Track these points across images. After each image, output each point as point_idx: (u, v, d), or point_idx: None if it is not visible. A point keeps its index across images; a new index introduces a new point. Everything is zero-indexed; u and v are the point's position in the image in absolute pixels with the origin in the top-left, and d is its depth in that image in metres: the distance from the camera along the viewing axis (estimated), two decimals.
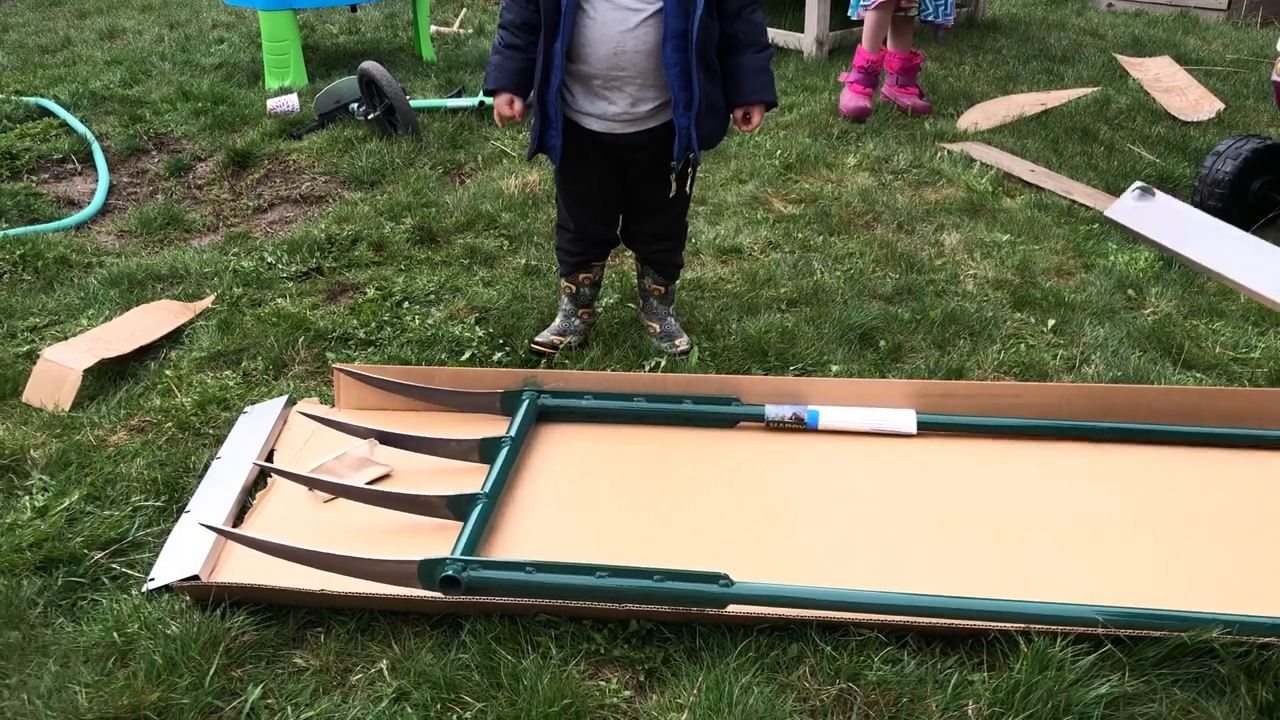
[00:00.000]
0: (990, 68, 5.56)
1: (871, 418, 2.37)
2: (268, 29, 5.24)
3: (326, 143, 4.39)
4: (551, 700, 1.67)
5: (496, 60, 2.49)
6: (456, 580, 1.82)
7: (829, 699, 1.70)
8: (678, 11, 2.31)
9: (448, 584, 1.83)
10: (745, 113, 2.50)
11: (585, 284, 2.82)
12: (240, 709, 1.71)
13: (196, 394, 2.60)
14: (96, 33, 6.71)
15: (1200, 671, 1.72)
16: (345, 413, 2.49)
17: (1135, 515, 2.11)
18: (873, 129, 4.57)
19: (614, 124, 2.47)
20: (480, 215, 3.68)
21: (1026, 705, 1.65)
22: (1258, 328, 2.91)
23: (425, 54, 5.89)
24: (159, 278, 3.29)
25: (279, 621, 1.88)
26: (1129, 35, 6.22)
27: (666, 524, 2.11)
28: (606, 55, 2.37)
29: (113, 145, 4.50)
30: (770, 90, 2.48)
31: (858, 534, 2.07)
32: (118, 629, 1.84)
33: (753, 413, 2.40)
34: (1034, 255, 3.37)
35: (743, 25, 2.43)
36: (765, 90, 2.47)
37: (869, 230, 3.61)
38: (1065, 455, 2.31)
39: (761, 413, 2.39)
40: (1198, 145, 4.28)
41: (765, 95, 2.48)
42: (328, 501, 2.18)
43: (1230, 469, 2.26)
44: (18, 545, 2.06)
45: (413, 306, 3.08)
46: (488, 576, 1.84)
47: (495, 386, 2.48)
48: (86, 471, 2.30)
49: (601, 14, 2.35)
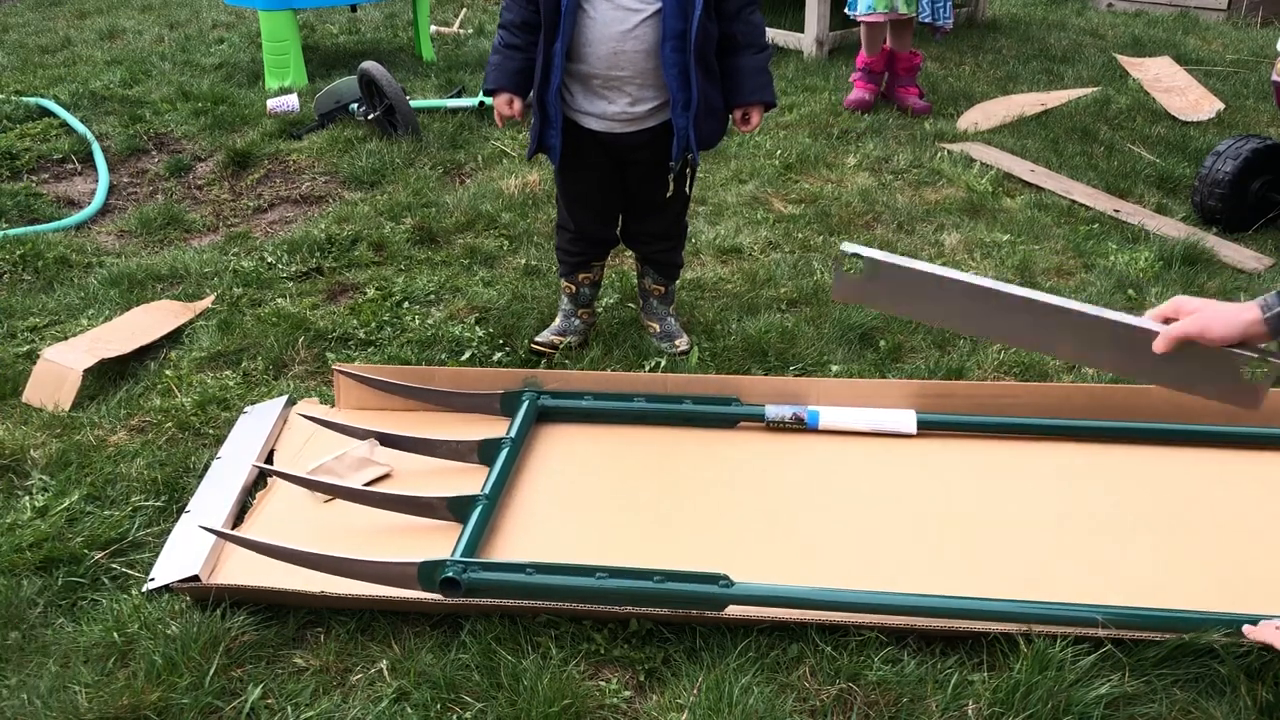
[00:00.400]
0: (990, 68, 5.56)
1: (871, 418, 2.37)
2: (268, 29, 5.24)
3: (326, 143, 4.39)
4: (551, 700, 1.67)
5: (496, 60, 2.50)
6: (456, 582, 1.82)
7: (829, 699, 1.70)
8: (676, 12, 2.31)
9: (447, 586, 1.83)
10: (744, 113, 2.51)
11: (585, 284, 2.82)
12: (240, 709, 1.71)
13: (196, 394, 2.60)
14: (96, 33, 6.71)
15: (1200, 671, 1.72)
16: (345, 413, 2.49)
17: (1135, 515, 2.11)
18: (873, 129, 4.57)
19: (613, 123, 2.47)
20: (480, 215, 3.68)
21: (1026, 705, 1.65)
22: None
23: (425, 54, 5.89)
24: (159, 278, 3.29)
25: (279, 621, 1.88)
26: (1129, 35, 6.22)
27: (666, 524, 2.11)
28: (606, 55, 2.37)
29: (113, 145, 4.50)
30: (769, 91, 2.49)
31: (857, 534, 2.07)
32: (118, 629, 1.84)
33: (753, 413, 2.40)
34: (1034, 255, 3.37)
35: (741, 26, 2.44)
36: (764, 91, 2.48)
37: (869, 230, 3.61)
38: (1065, 455, 2.31)
39: (762, 413, 2.39)
40: (1198, 145, 4.28)
41: (764, 96, 2.48)
42: (327, 501, 2.18)
43: (1230, 468, 2.26)
44: (18, 545, 2.06)
45: (413, 306, 3.08)
46: (487, 578, 1.84)
47: (495, 387, 2.48)
48: (86, 471, 2.30)
49: (601, 14, 2.35)
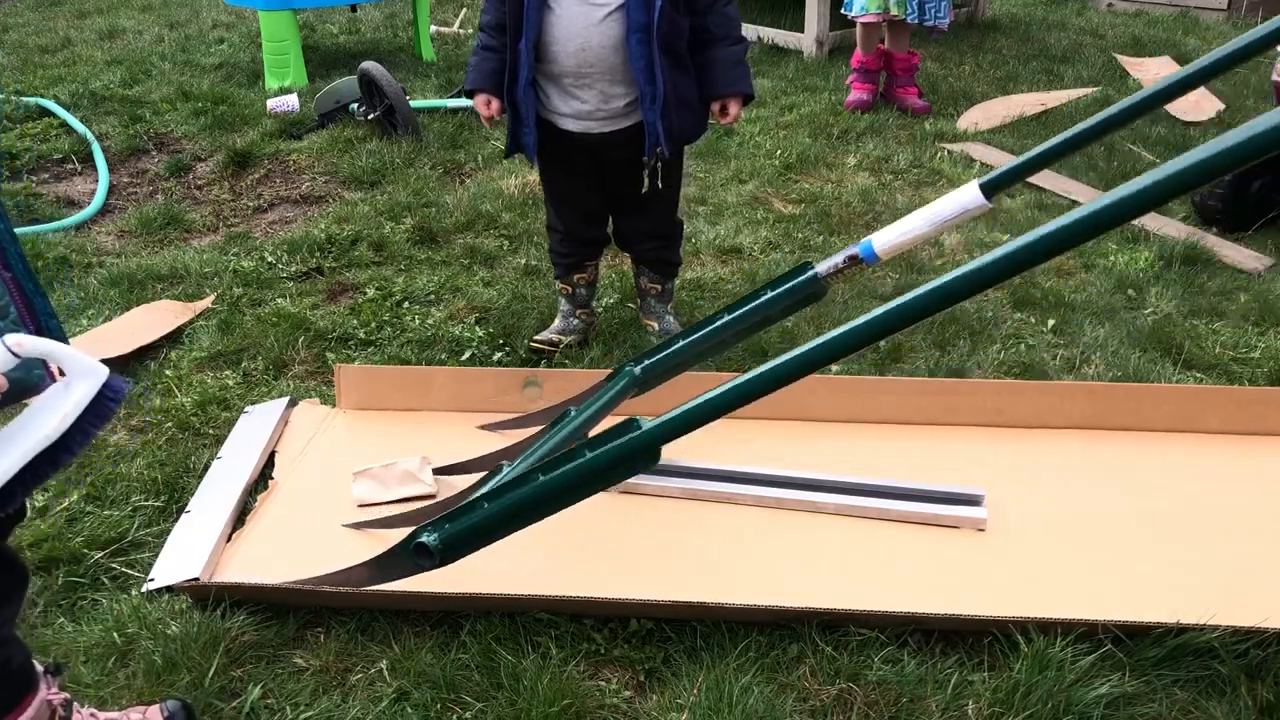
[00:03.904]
0: (990, 68, 5.56)
1: (930, 215, 1.97)
2: (268, 29, 5.24)
3: (326, 143, 4.39)
4: (551, 700, 1.67)
5: (474, 61, 2.55)
6: (426, 547, 1.72)
7: (829, 699, 1.70)
8: (640, 5, 2.33)
9: (421, 553, 1.73)
10: (722, 105, 2.51)
11: (581, 284, 2.82)
12: (240, 709, 1.71)
13: (196, 394, 2.60)
14: (96, 33, 6.71)
15: (1200, 672, 1.72)
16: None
17: (1135, 515, 2.11)
18: (873, 129, 4.57)
19: (589, 123, 2.49)
20: (480, 215, 3.68)
21: (1026, 705, 1.65)
22: (1258, 328, 2.91)
23: (425, 54, 5.89)
24: (159, 278, 3.29)
25: (279, 621, 1.88)
26: (1129, 35, 6.22)
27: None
28: (574, 51, 2.39)
29: (113, 145, 4.50)
30: (746, 82, 2.49)
31: (858, 533, 2.07)
32: (118, 629, 1.84)
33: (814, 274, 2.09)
34: None
35: (715, 18, 2.45)
36: (741, 82, 2.48)
37: (869, 230, 3.59)
38: (1065, 453, 2.31)
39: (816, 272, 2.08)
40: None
41: (741, 87, 2.49)
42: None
43: (1231, 468, 2.26)
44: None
45: (413, 306, 3.08)
46: (452, 530, 1.73)
47: (496, 386, 2.49)
48: (86, 471, 2.30)
49: (566, 10, 2.37)
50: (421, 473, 2.23)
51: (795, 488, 2.16)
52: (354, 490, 2.19)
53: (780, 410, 2.43)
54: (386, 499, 2.18)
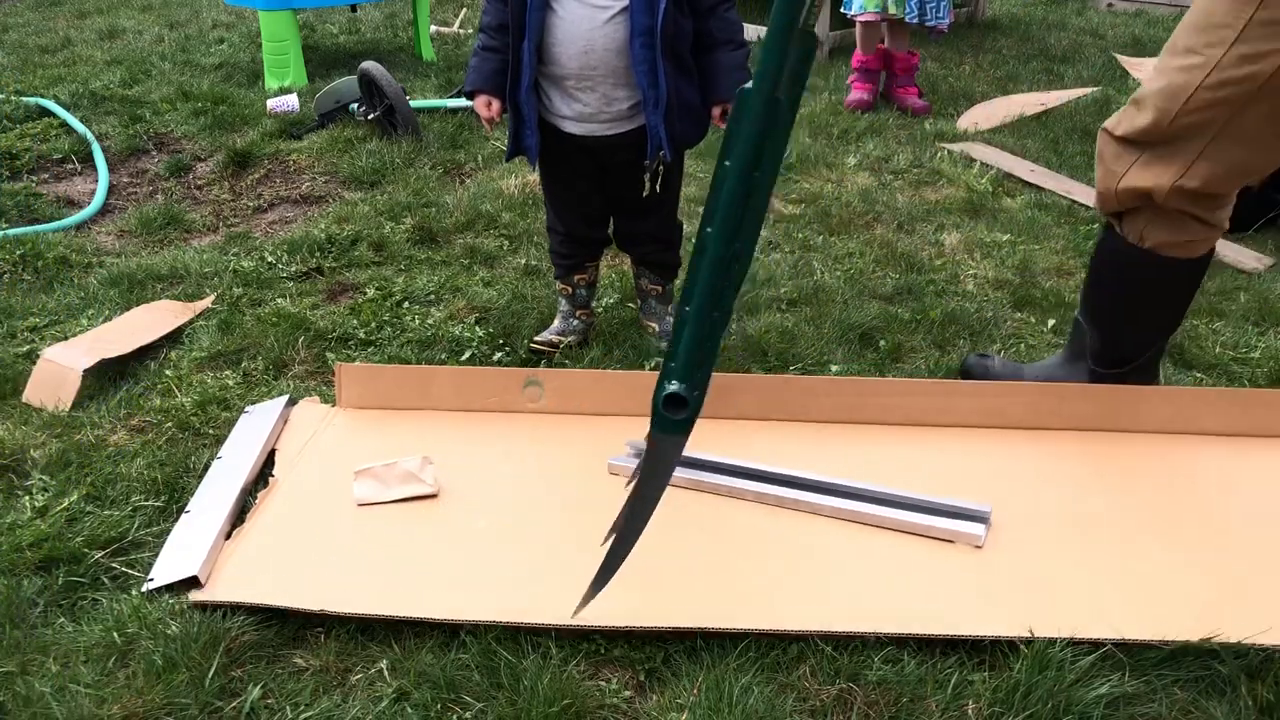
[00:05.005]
0: (990, 68, 5.56)
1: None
2: (268, 29, 5.24)
3: (326, 143, 4.39)
4: (551, 700, 1.67)
5: (475, 62, 2.54)
6: (676, 395, 1.60)
7: (829, 699, 1.70)
8: (644, 7, 2.32)
9: (673, 406, 1.60)
10: (723, 110, 2.51)
11: (581, 285, 2.82)
12: (240, 709, 1.71)
13: (196, 394, 2.60)
14: (96, 33, 6.71)
15: (1200, 672, 1.72)
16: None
17: (1135, 515, 2.11)
18: (873, 129, 4.57)
19: (591, 125, 2.48)
20: (480, 215, 3.68)
21: (1026, 705, 1.65)
22: (1258, 328, 2.91)
23: (425, 54, 5.89)
24: (159, 278, 3.29)
25: (279, 621, 1.88)
26: (1129, 35, 6.22)
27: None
28: (577, 54, 2.39)
29: (113, 145, 4.50)
30: None
31: (859, 540, 2.07)
32: (118, 629, 1.84)
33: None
34: (1034, 255, 3.37)
35: (717, 22, 2.44)
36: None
37: (869, 230, 3.61)
38: (1064, 454, 2.31)
39: None
40: None
41: None
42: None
43: (1231, 467, 2.26)
44: (18, 545, 2.06)
45: (413, 306, 3.08)
46: (681, 360, 1.60)
47: (496, 385, 2.49)
48: (86, 471, 2.30)
49: (570, 12, 2.37)
50: (422, 472, 2.23)
51: (795, 487, 2.16)
52: (355, 490, 2.19)
53: (780, 410, 2.44)
54: (387, 499, 2.18)
